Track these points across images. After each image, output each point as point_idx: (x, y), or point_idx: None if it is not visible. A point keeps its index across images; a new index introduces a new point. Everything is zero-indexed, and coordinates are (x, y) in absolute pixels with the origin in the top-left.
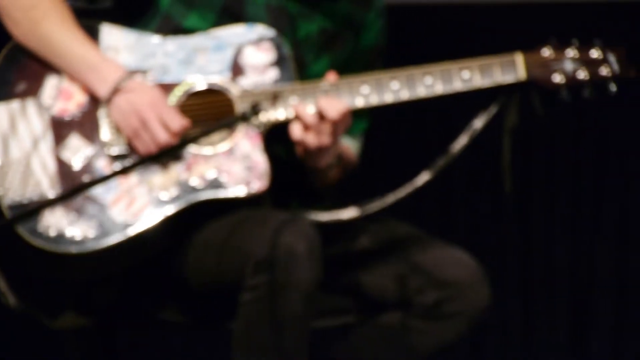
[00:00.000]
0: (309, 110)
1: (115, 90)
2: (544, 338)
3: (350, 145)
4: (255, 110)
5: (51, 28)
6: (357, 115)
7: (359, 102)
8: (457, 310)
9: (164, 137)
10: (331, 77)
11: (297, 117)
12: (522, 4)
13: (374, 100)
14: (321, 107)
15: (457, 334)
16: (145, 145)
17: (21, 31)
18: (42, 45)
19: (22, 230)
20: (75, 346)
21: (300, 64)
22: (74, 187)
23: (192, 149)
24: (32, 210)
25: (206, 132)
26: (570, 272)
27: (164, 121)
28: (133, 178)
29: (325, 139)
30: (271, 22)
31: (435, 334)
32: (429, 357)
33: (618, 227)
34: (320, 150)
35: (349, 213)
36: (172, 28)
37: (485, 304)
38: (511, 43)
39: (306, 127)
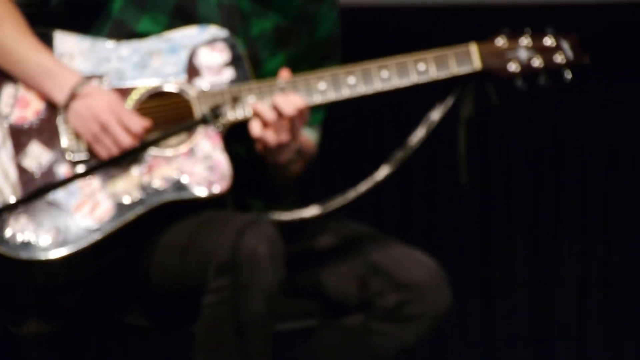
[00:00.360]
0: (267, 108)
1: (72, 96)
2: (505, 339)
3: (309, 136)
4: (215, 113)
5: (6, 37)
6: (314, 106)
7: (317, 99)
8: (418, 312)
9: (125, 140)
10: (285, 74)
11: (256, 115)
12: (477, 6)
13: (331, 96)
14: (277, 104)
15: (419, 336)
16: (107, 149)
17: None
18: None
19: None
20: (41, 352)
21: (256, 61)
22: (35, 190)
23: (152, 151)
24: None
25: (167, 135)
26: (532, 269)
27: (124, 124)
28: (95, 182)
29: (284, 136)
30: (224, 21)
31: (396, 336)
32: (391, 359)
33: (579, 221)
34: (280, 146)
35: (311, 211)
36: (125, 33)
37: (446, 305)
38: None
39: (265, 125)
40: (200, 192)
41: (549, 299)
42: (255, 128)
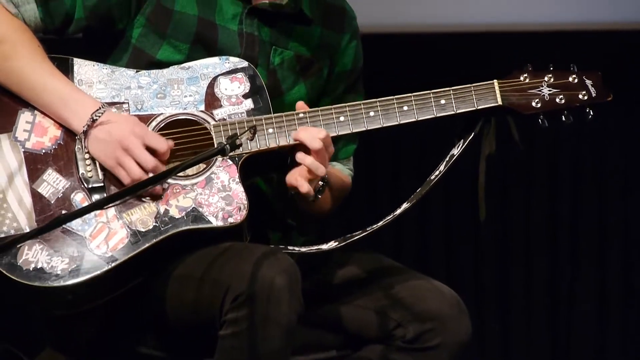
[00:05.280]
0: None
1: (92, 123)
2: None
3: (340, 170)
4: (233, 143)
5: (21, 63)
6: (345, 139)
7: (336, 131)
8: (437, 342)
9: (151, 162)
10: (302, 106)
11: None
12: (498, 32)
13: (351, 128)
14: (300, 139)
15: None
16: (131, 173)
17: None
18: (14, 81)
19: (0, 264)
20: None
21: (277, 92)
22: (51, 221)
23: (169, 180)
24: (8, 243)
25: (185, 166)
26: (550, 300)
27: (149, 145)
28: (111, 211)
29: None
30: (244, 50)
31: None
32: None
33: (597, 251)
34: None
35: (329, 244)
36: (145, 60)
37: (465, 335)
38: (488, 70)
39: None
40: (216, 222)
41: (566, 327)
42: (300, 155)
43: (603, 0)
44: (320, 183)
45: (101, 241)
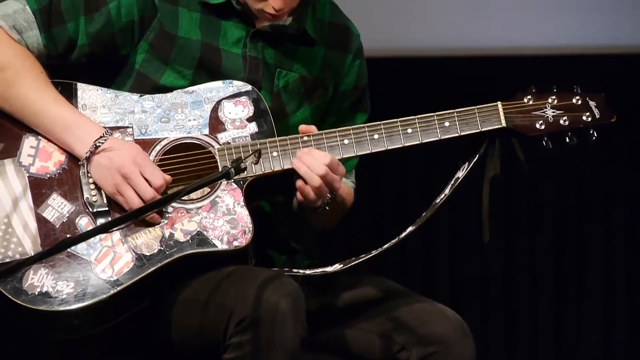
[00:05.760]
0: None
1: (94, 149)
2: None
3: (345, 182)
4: (237, 167)
5: (24, 89)
6: None
7: (340, 154)
8: None
9: (147, 192)
10: (305, 129)
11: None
12: (501, 56)
13: (355, 151)
14: (307, 164)
15: None
16: (129, 201)
17: None
18: (17, 107)
19: (5, 288)
20: None
21: (281, 114)
22: (55, 245)
23: (174, 203)
24: (13, 267)
25: (189, 190)
26: (557, 326)
27: (147, 176)
28: (116, 235)
29: (324, 190)
30: (248, 73)
31: None
32: None
33: (604, 273)
34: (319, 198)
35: (334, 267)
36: (149, 85)
37: (470, 358)
38: (491, 93)
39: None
40: (221, 246)
41: (572, 351)
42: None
43: (605, 24)
44: (329, 196)
45: (106, 265)
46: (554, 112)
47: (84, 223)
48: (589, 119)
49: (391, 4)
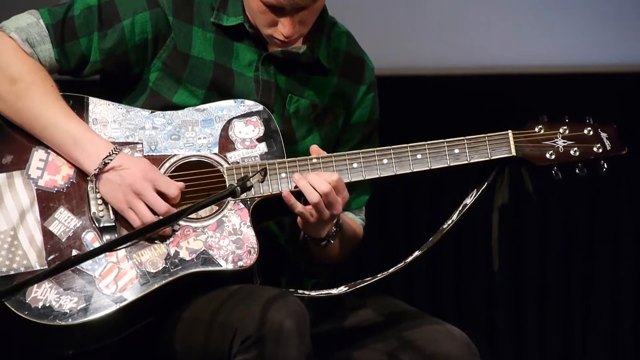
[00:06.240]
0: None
1: (103, 167)
2: None
3: (353, 218)
4: (244, 186)
5: (35, 102)
6: (358, 189)
7: (349, 178)
8: None
9: (162, 206)
10: (316, 150)
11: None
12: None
13: (364, 175)
14: (311, 182)
15: None
16: (141, 216)
17: (5, 105)
18: (27, 120)
19: (8, 301)
20: None
21: (291, 139)
22: (60, 262)
23: (180, 221)
24: (19, 285)
25: (195, 209)
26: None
27: (161, 189)
28: (121, 251)
29: (324, 213)
30: (260, 96)
31: None
32: None
33: (611, 303)
34: (320, 222)
35: (339, 289)
36: (161, 103)
37: None
38: (503, 115)
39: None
40: (226, 265)
41: None
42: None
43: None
44: (334, 229)
45: (110, 281)
46: (564, 142)
47: (90, 238)
48: (600, 151)
49: (402, 23)
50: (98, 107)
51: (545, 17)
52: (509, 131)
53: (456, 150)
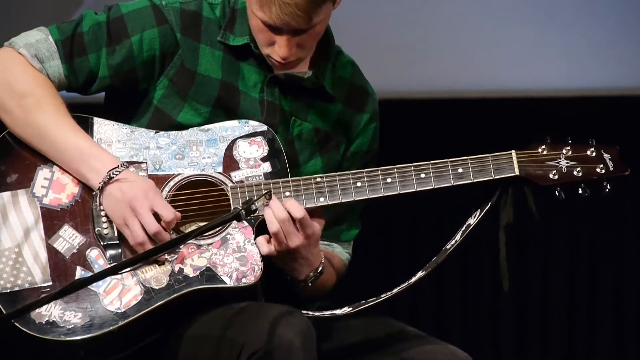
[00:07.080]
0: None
1: (108, 180)
2: None
3: (340, 252)
4: (248, 210)
5: (44, 117)
6: (350, 221)
7: (353, 197)
8: None
9: (153, 227)
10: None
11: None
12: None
13: (367, 194)
14: (287, 208)
15: None
16: (134, 234)
17: (14, 119)
18: (35, 134)
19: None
20: None
21: (294, 163)
22: (66, 286)
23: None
24: (26, 307)
25: (200, 232)
26: None
27: (157, 210)
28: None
29: (295, 240)
30: (264, 117)
31: None
32: None
33: (614, 325)
34: (291, 252)
35: (343, 310)
36: (165, 121)
37: None
38: (506, 136)
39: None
40: (230, 282)
41: None
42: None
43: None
44: (312, 275)
45: (115, 297)
46: (567, 162)
47: (94, 255)
48: (603, 171)
49: (405, 47)
50: (103, 127)
51: (549, 41)
52: (513, 151)
53: (460, 170)
